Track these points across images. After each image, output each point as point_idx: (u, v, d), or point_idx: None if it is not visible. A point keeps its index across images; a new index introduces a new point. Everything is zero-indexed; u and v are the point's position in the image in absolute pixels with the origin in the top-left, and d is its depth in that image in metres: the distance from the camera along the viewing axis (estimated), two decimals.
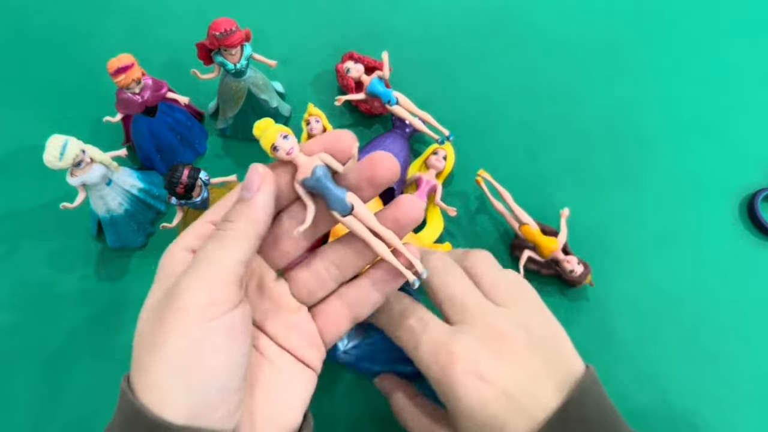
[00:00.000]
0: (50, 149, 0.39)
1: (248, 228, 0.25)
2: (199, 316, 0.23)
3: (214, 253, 0.24)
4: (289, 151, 0.26)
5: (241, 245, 0.25)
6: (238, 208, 0.26)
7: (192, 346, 0.22)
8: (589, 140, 0.54)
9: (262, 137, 0.27)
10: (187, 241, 0.27)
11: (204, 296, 0.23)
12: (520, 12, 0.61)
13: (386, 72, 0.49)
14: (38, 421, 0.43)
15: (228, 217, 0.26)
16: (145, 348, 0.24)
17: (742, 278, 0.48)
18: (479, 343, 0.28)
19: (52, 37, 0.59)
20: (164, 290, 0.25)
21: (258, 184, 0.26)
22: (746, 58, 0.59)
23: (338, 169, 0.27)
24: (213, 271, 0.24)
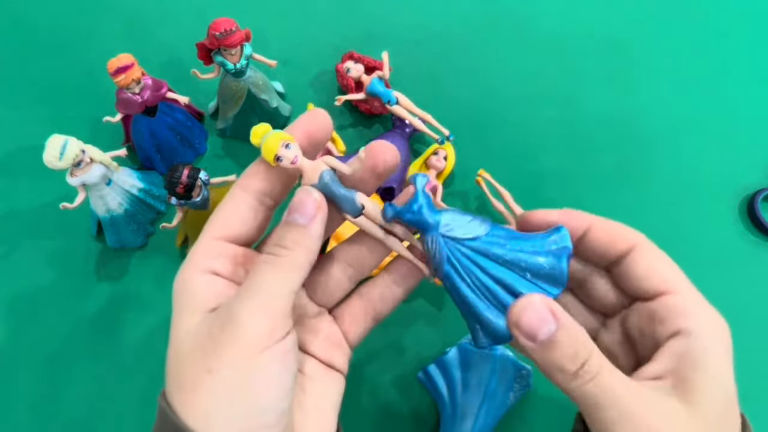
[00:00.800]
0: (50, 149, 0.39)
1: (303, 257, 0.24)
2: (258, 345, 0.22)
3: (272, 282, 0.24)
4: (294, 160, 0.25)
5: (296, 274, 0.24)
6: (294, 235, 0.25)
7: (248, 374, 0.22)
8: (589, 140, 0.54)
9: (262, 147, 0.26)
10: (202, 262, 0.25)
11: (262, 326, 0.23)
12: (520, 12, 0.61)
13: (386, 72, 0.49)
14: (38, 421, 0.43)
15: (283, 243, 0.24)
16: (191, 371, 0.23)
17: (743, 278, 0.48)
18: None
19: (52, 37, 0.59)
20: (201, 314, 0.24)
21: (314, 211, 0.25)
22: (746, 58, 0.59)
23: (345, 171, 0.26)
24: (270, 300, 0.23)
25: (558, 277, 0.25)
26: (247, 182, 0.27)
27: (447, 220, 0.25)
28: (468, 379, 0.41)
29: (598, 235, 0.27)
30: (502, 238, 0.25)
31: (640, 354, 0.27)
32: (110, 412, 0.43)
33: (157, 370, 0.44)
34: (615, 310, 0.28)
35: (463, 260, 0.25)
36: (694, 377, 0.23)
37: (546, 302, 0.23)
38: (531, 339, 0.23)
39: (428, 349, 0.45)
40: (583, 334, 0.23)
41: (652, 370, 0.24)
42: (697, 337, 0.24)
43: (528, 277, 0.25)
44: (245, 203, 0.26)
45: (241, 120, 0.51)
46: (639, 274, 0.26)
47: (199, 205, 0.42)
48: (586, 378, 0.22)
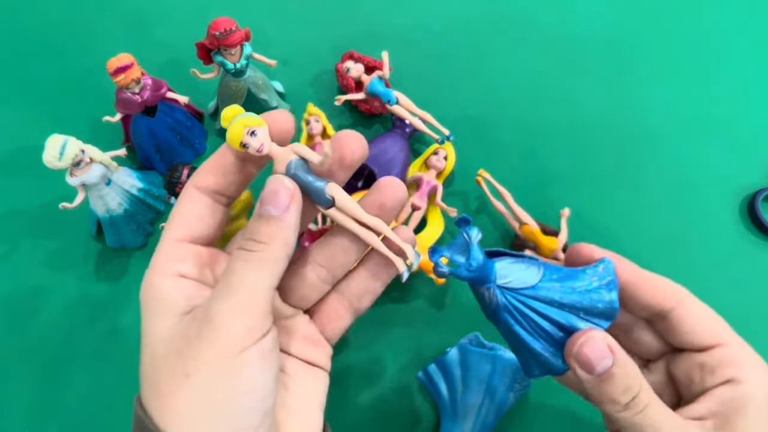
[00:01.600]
0: (50, 149, 0.39)
1: (280, 250, 0.24)
2: (236, 345, 0.22)
3: (247, 278, 0.23)
4: (260, 148, 0.24)
5: (273, 269, 0.23)
6: (268, 228, 0.24)
7: (227, 375, 0.22)
8: (589, 140, 0.54)
9: (228, 133, 0.24)
10: (167, 266, 0.25)
11: (241, 326, 0.22)
12: (520, 12, 0.61)
13: (386, 72, 0.49)
14: (38, 421, 0.43)
15: (257, 237, 0.24)
16: (168, 376, 0.22)
17: (743, 278, 0.48)
18: None
19: (52, 37, 0.59)
20: (173, 318, 0.24)
21: (287, 201, 0.24)
22: (747, 58, 0.59)
23: (314, 160, 0.25)
24: (248, 298, 0.23)
25: (609, 312, 0.26)
26: (201, 180, 0.26)
27: (503, 272, 0.26)
28: (468, 379, 0.41)
29: (645, 290, 0.28)
30: (555, 281, 0.26)
31: (685, 397, 0.28)
32: (110, 412, 0.43)
33: None
34: (656, 356, 0.30)
35: (520, 306, 0.26)
36: (738, 421, 0.25)
37: (605, 338, 0.25)
38: (589, 371, 0.24)
39: (428, 349, 0.45)
40: (636, 369, 0.25)
41: (696, 410, 0.26)
42: (744, 385, 0.26)
43: (581, 315, 0.26)
44: (202, 202, 0.26)
45: None
46: (688, 329, 0.27)
47: None
48: (636, 410, 0.24)
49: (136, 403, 0.24)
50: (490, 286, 0.26)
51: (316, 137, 0.49)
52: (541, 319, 0.26)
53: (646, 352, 0.30)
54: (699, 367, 0.27)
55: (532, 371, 0.27)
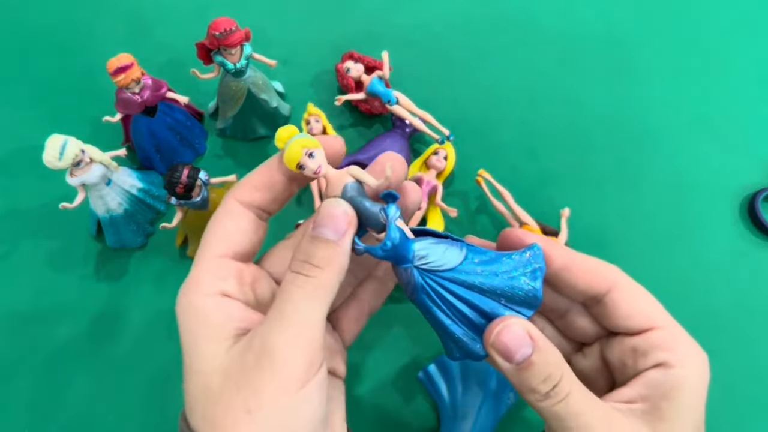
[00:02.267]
0: (50, 149, 0.39)
1: (336, 277, 0.23)
2: (298, 380, 0.21)
3: (306, 308, 0.22)
4: (317, 170, 0.24)
5: (327, 296, 0.23)
6: (324, 252, 0.23)
7: (289, 412, 0.21)
8: (589, 140, 0.54)
9: (285, 153, 0.24)
10: (210, 284, 0.24)
11: (304, 360, 0.22)
12: (520, 12, 0.61)
13: (386, 71, 0.49)
14: (37, 421, 0.43)
15: (313, 261, 0.23)
16: (226, 410, 0.21)
17: (743, 278, 0.47)
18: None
19: (51, 37, 0.59)
20: (224, 343, 0.23)
21: (345, 226, 0.23)
22: (747, 57, 0.59)
23: (371, 183, 0.25)
24: (308, 330, 0.22)
25: (532, 300, 0.25)
26: (246, 195, 0.25)
27: (422, 252, 0.25)
28: (468, 379, 0.41)
29: (577, 275, 0.26)
30: (477, 265, 0.25)
31: (618, 381, 0.27)
32: (110, 412, 0.43)
33: (157, 370, 0.45)
34: (592, 339, 0.29)
35: (438, 289, 0.25)
36: (666, 406, 0.24)
37: (523, 325, 0.23)
38: (507, 360, 0.23)
39: (428, 349, 0.45)
40: (557, 356, 0.24)
41: (625, 393, 0.25)
42: (676, 369, 0.25)
43: (503, 302, 0.25)
44: (246, 218, 0.25)
45: (241, 120, 0.51)
46: (621, 313, 0.26)
47: (198, 205, 0.42)
48: (556, 399, 0.23)
49: (183, 423, 0.23)
50: (408, 266, 0.25)
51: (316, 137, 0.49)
52: (461, 304, 0.25)
53: (581, 336, 0.29)
54: (632, 350, 0.26)
55: (453, 354, 0.26)
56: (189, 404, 0.23)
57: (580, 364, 0.29)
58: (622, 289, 0.27)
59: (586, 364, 0.29)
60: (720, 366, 0.44)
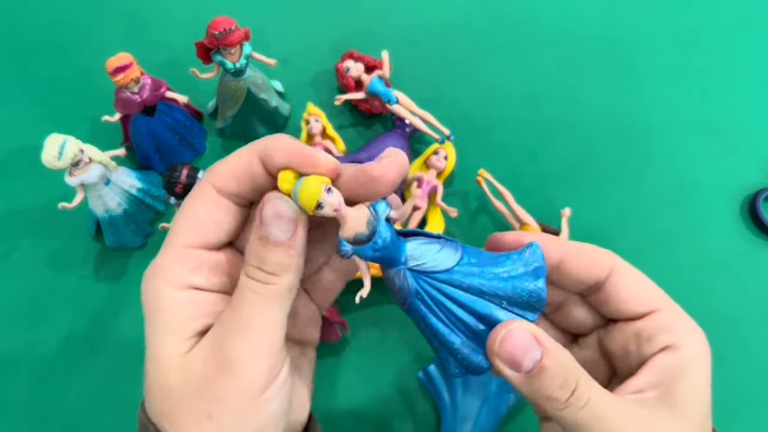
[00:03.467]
0: (49, 149, 0.39)
1: (293, 280, 0.22)
2: (259, 387, 0.21)
3: (264, 316, 0.21)
4: (338, 207, 0.21)
5: (287, 300, 0.22)
6: (277, 257, 0.21)
7: (251, 416, 0.21)
8: (590, 140, 0.54)
9: (300, 192, 0.21)
10: (179, 275, 0.22)
11: (263, 368, 0.21)
12: (520, 12, 0.61)
13: (386, 71, 0.49)
14: (37, 421, 0.43)
15: (267, 268, 0.21)
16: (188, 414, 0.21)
17: (744, 278, 0.47)
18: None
19: (51, 37, 0.59)
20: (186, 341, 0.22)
21: (293, 225, 0.22)
22: (747, 57, 0.58)
23: (394, 216, 0.23)
24: (269, 338, 0.21)
25: (535, 302, 0.23)
26: (219, 181, 0.23)
27: (414, 252, 0.23)
28: (468, 380, 0.41)
29: (573, 265, 0.25)
30: (474, 266, 0.23)
31: (620, 369, 0.26)
32: (109, 412, 0.43)
33: None
34: (589, 330, 0.28)
35: (434, 293, 0.23)
36: (678, 389, 0.23)
37: (528, 328, 0.22)
38: (516, 368, 0.21)
39: (428, 349, 0.44)
40: (570, 357, 0.22)
41: (635, 384, 0.24)
42: (683, 350, 0.24)
43: (504, 305, 0.23)
44: (222, 206, 0.23)
45: (241, 119, 0.51)
46: (623, 297, 0.25)
47: None
48: (579, 405, 0.21)
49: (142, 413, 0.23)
50: (400, 268, 0.23)
51: (316, 137, 0.49)
52: (459, 309, 0.23)
53: (578, 327, 0.28)
54: (635, 336, 0.25)
55: (451, 369, 0.24)
56: (148, 397, 0.23)
57: (578, 357, 0.28)
58: (621, 274, 0.25)
59: (582, 356, 0.28)
60: (721, 366, 0.44)
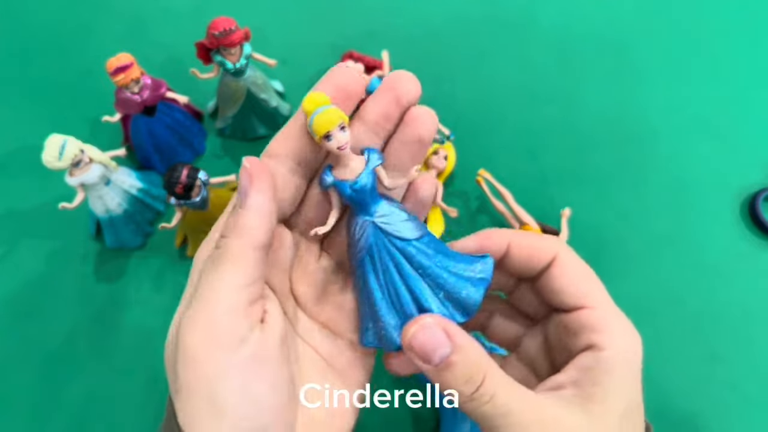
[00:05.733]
0: (49, 149, 0.39)
1: (243, 243, 0.22)
2: (204, 361, 0.21)
3: (210, 282, 0.21)
4: (343, 146, 0.22)
5: (238, 266, 0.22)
6: (231, 218, 0.22)
7: (208, 394, 0.21)
8: (589, 140, 0.54)
9: (317, 118, 0.22)
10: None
11: (200, 339, 0.21)
12: (520, 12, 0.61)
13: (386, 71, 0.49)
14: (37, 421, 0.43)
15: (222, 232, 0.22)
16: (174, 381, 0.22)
17: (744, 278, 0.47)
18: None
19: (51, 37, 0.59)
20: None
21: (248, 185, 0.22)
22: (747, 57, 0.58)
23: (384, 182, 0.24)
24: (209, 306, 0.21)
25: (469, 307, 0.24)
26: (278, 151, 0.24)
27: (384, 210, 0.24)
28: None
29: (516, 252, 0.26)
30: (431, 249, 0.24)
31: (557, 362, 0.26)
32: (109, 412, 0.43)
33: (157, 370, 0.44)
34: (541, 317, 0.28)
35: (385, 256, 0.24)
36: (595, 390, 0.23)
37: (441, 324, 0.22)
38: (426, 362, 0.22)
39: None
40: (479, 355, 0.22)
41: (556, 380, 0.24)
42: (605, 351, 0.24)
43: (441, 296, 0.24)
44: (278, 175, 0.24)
45: (241, 119, 0.51)
46: (557, 288, 0.25)
47: (198, 205, 0.42)
48: (483, 400, 0.22)
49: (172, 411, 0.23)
50: (367, 219, 0.24)
51: None
52: (399, 282, 0.23)
53: (528, 313, 0.29)
54: (564, 329, 0.25)
55: (366, 337, 0.25)
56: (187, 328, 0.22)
57: (526, 346, 0.29)
58: (560, 264, 0.26)
59: (532, 345, 0.28)
60: (721, 366, 0.44)
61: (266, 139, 0.53)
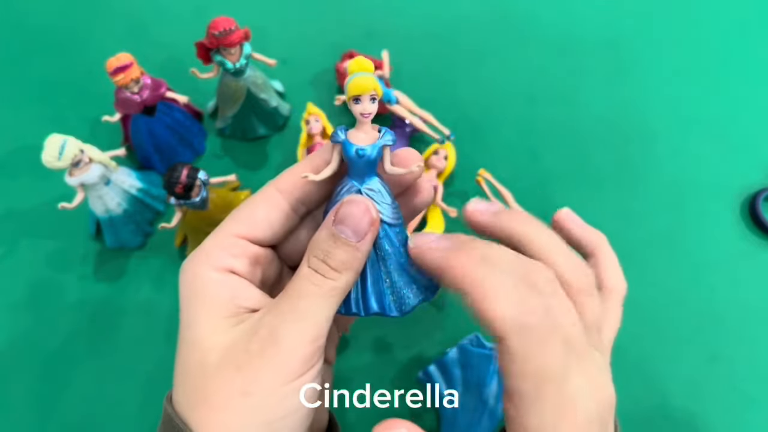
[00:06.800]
0: (49, 149, 0.39)
1: (352, 279, 0.23)
2: (298, 371, 0.22)
3: (316, 305, 0.22)
4: (367, 114, 0.24)
5: (339, 298, 0.23)
6: (344, 255, 0.23)
7: (284, 399, 0.22)
8: (589, 140, 0.54)
9: (355, 81, 0.24)
10: (220, 258, 0.24)
11: (307, 354, 0.22)
12: (520, 12, 0.61)
13: (386, 71, 0.49)
14: (37, 421, 0.43)
15: (332, 263, 0.23)
16: (223, 390, 0.22)
17: (744, 278, 0.47)
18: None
19: (51, 37, 0.59)
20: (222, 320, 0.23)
21: (368, 228, 0.23)
22: (747, 57, 0.58)
23: (386, 163, 0.25)
24: (316, 328, 0.22)
25: (404, 306, 0.25)
26: (287, 186, 0.25)
27: (375, 186, 0.25)
28: (468, 380, 0.41)
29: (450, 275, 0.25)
30: (397, 241, 0.25)
31: None
32: (109, 412, 0.43)
33: (156, 370, 0.44)
34: None
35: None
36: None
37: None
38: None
39: (428, 349, 0.44)
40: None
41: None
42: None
43: (386, 284, 0.25)
44: (279, 209, 0.25)
45: (241, 119, 0.51)
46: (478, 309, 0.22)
47: (198, 205, 0.42)
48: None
49: (168, 404, 0.23)
50: (356, 184, 0.24)
51: (316, 137, 0.49)
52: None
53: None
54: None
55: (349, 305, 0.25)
56: (179, 378, 0.23)
57: None
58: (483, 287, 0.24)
59: None
60: (722, 367, 0.44)
61: (266, 139, 0.53)
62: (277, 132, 0.53)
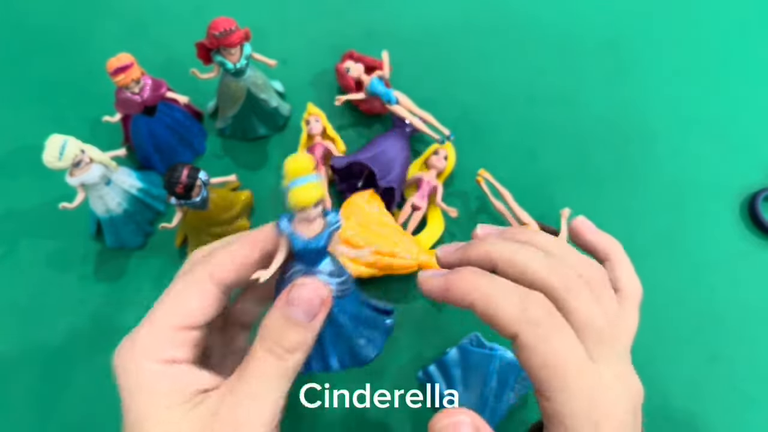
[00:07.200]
0: (49, 149, 0.39)
1: (303, 357, 0.24)
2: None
3: (273, 386, 0.23)
4: (312, 218, 0.24)
5: (296, 372, 0.24)
6: (297, 336, 0.24)
7: None
8: (589, 140, 0.54)
9: (296, 193, 0.23)
10: (159, 351, 0.24)
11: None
12: (520, 12, 0.61)
13: (386, 71, 0.49)
14: (37, 421, 0.43)
15: (285, 344, 0.23)
16: None
17: (744, 278, 0.47)
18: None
19: (51, 37, 0.59)
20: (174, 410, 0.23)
21: (318, 308, 0.24)
22: (747, 57, 0.58)
23: (336, 245, 0.26)
24: (273, 407, 0.23)
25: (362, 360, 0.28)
26: (221, 273, 0.26)
27: (327, 268, 0.25)
28: (468, 380, 0.41)
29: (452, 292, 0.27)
30: (350, 308, 0.26)
31: None
32: (109, 413, 0.43)
33: None
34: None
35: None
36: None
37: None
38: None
39: (428, 349, 0.45)
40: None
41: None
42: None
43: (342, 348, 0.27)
44: (212, 296, 0.26)
45: (241, 120, 0.51)
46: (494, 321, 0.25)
47: (198, 205, 0.42)
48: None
49: None
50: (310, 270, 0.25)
51: (316, 137, 0.49)
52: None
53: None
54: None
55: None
56: None
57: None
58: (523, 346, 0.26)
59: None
60: (722, 367, 0.44)
61: (266, 139, 0.53)
62: (278, 132, 0.54)
